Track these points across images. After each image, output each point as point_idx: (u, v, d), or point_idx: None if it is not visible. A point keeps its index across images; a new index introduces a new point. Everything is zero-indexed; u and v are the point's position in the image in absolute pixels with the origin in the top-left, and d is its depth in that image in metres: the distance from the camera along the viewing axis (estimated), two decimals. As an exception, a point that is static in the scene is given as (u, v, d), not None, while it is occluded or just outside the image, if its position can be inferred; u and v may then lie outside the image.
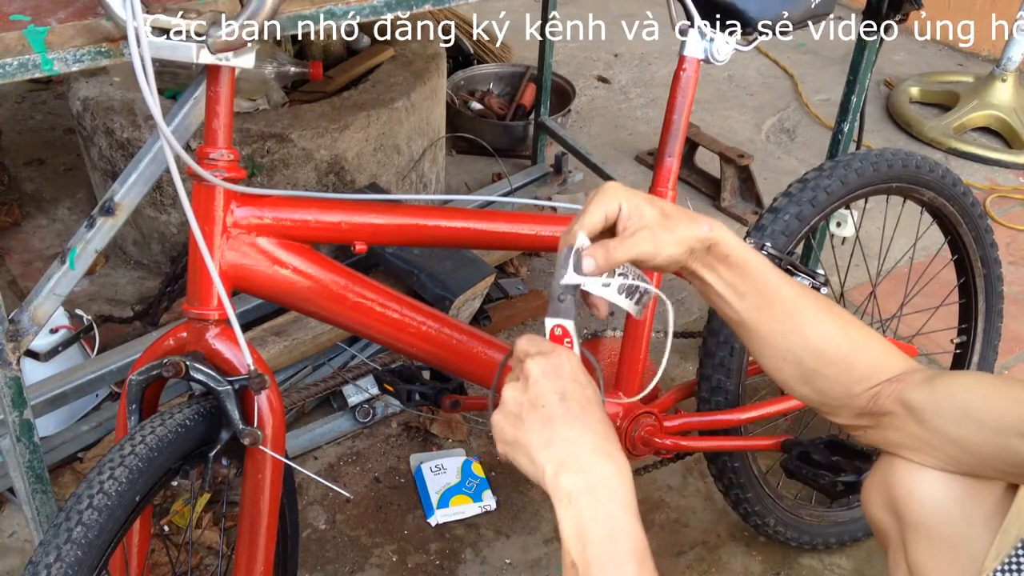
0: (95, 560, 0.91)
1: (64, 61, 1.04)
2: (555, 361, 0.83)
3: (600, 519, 0.77)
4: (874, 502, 0.98)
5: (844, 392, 0.97)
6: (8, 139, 2.85)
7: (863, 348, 0.97)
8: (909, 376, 0.94)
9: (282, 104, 2.28)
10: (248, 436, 1.07)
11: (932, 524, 0.91)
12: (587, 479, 0.78)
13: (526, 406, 0.82)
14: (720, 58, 1.33)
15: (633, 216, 0.89)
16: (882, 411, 0.95)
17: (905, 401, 0.93)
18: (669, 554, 1.73)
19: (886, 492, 0.96)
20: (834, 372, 0.97)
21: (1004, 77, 3.16)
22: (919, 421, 0.92)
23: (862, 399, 0.96)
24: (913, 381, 0.94)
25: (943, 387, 0.92)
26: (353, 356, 2.01)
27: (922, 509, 0.92)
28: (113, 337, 2.11)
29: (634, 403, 1.47)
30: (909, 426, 0.93)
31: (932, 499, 0.92)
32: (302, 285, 1.15)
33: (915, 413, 0.92)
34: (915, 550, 0.92)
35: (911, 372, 0.95)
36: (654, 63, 3.62)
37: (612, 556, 0.77)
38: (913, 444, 0.93)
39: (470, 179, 2.84)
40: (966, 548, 0.89)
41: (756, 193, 2.72)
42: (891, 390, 0.94)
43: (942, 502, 0.91)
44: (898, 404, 0.93)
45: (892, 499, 0.95)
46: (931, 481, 0.92)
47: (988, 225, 1.71)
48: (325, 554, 1.70)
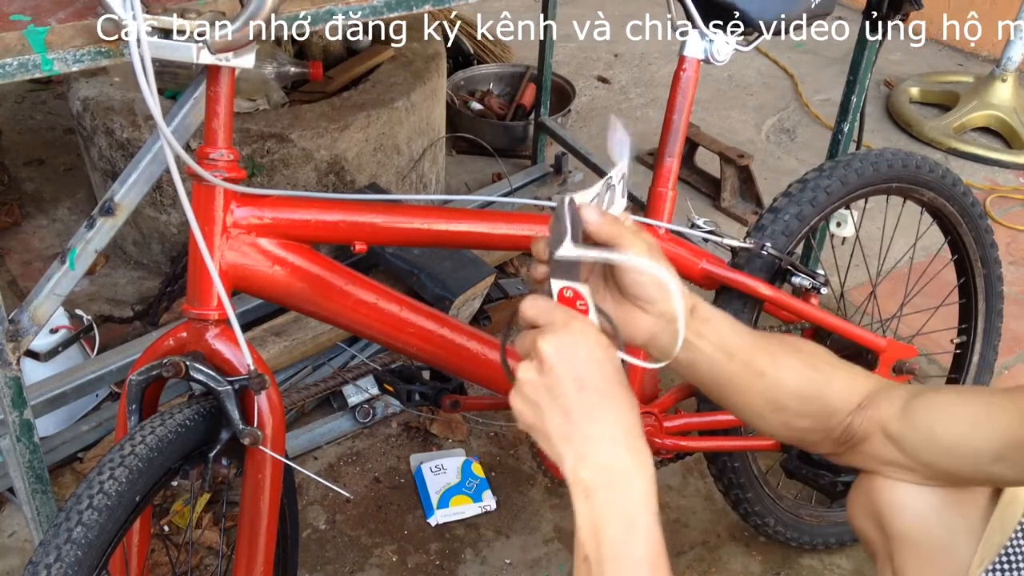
0: (95, 560, 0.91)
1: (64, 61, 1.04)
2: (569, 340, 0.77)
3: (617, 516, 0.75)
4: (858, 515, 0.98)
5: (822, 427, 0.96)
6: (8, 139, 2.85)
7: (832, 380, 0.96)
8: (883, 401, 0.93)
9: (282, 104, 2.28)
10: (248, 436, 1.07)
11: (916, 535, 0.92)
12: (607, 475, 0.75)
13: (543, 394, 0.77)
14: (720, 58, 1.33)
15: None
16: (857, 438, 0.95)
17: (884, 429, 0.92)
18: (669, 554, 1.72)
19: (869, 505, 0.96)
20: (812, 410, 0.96)
21: (1004, 77, 3.16)
22: (897, 447, 0.92)
23: (837, 431, 0.96)
24: (888, 408, 0.93)
25: (916, 416, 0.91)
26: (353, 356, 2.01)
27: (905, 521, 0.92)
28: (113, 337, 2.11)
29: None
30: (887, 451, 0.93)
31: (914, 511, 0.92)
32: (302, 285, 1.15)
33: (893, 440, 0.92)
34: (901, 561, 0.93)
35: (882, 394, 0.94)
36: (654, 63, 3.62)
37: (627, 555, 0.75)
38: (891, 465, 0.94)
39: (470, 179, 2.84)
40: (951, 557, 0.90)
41: (756, 193, 2.72)
42: (863, 417, 0.94)
43: (925, 514, 0.91)
44: (877, 430, 0.93)
45: (876, 512, 0.95)
46: (913, 494, 0.92)
47: (988, 225, 1.71)
48: (325, 554, 1.70)
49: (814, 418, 0.96)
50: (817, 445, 1.00)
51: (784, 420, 0.96)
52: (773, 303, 1.49)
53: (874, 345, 1.54)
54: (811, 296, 1.51)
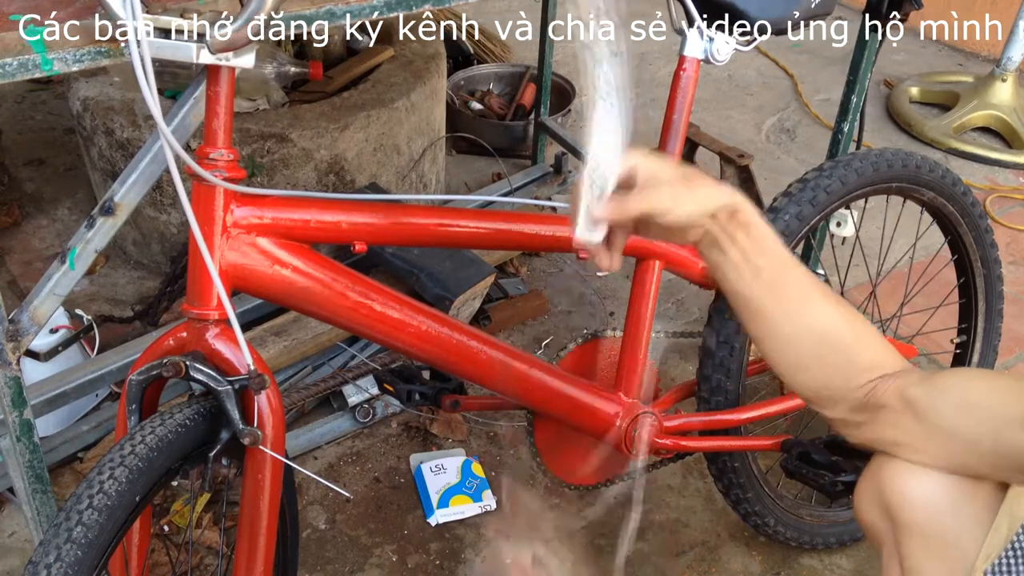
0: (95, 560, 0.91)
1: (64, 61, 1.04)
2: None
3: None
4: (866, 505, 0.98)
5: (843, 383, 0.96)
6: (8, 139, 2.85)
7: (865, 341, 0.96)
8: (908, 374, 0.95)
9: (282, 104, 2.28)
10: (248, 436, 1.07)
11: (924, 524, 0.91)
12: None
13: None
14: (720, 58, 1.33)
15: (650, 174, 0.89)
16: (879, 405, 0.94)
17: (904, 395, 0.92)
18: (669, 554, 1.73)
19: (878, 494, 0.95)
20: (836, 360, 0.96)
21: (1004, 77, 3.16)
22: (916, 415, 0.91)
23: (860, 392, 0.95)
24: (912, 378, 0.94)
25: (942, 381, 0.92)
26: (353, 356, 2.01)
27: (914, 510, 0.92)
28: (113, 337, 2.11)
29: (634, 403, 1.47)
30: (905, 421, 0.92)
31: (924, 499, 0.92)
32: (302, 285, 1.15)
33: (913, 407, 0.92)
34: (909, 552, 0.92)
35: (910, 371, 0.96)
36: (654, 63, 3.62)
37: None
38: (907, 440, 0.93)
39: (470, 179, 2.84)
40: (958, 549, 0.89)
41: (756, 193, 2.71)
42: (889, 384, 0.94)
43: (934, 502, 0.91)
44: (896, 398, 0.93)
45: (884, 500, 0.95)
46: (923, 481, 0.92)
47: (988, 225, 1.71)
48: (325, 554, 1.70)
49: (833, 369, 0.96)
50: (832, 405, 0.99)
51: (802, 361, 0.97)
52: (773, 303, 1.48)
53: (874, 345, 1.54)
54: (811, 296, 1.51)
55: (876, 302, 1.82)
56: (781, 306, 0.95)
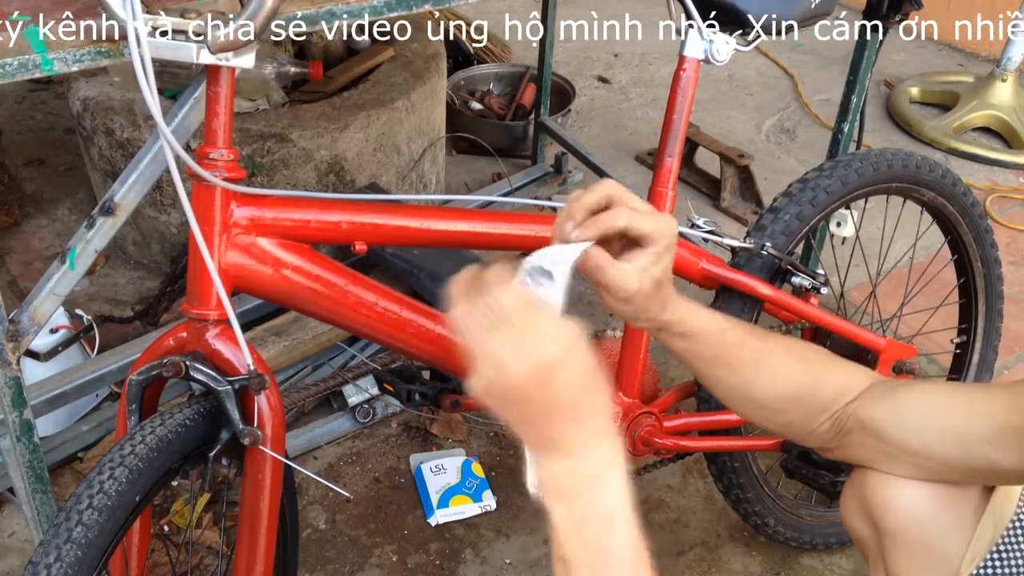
0: (95, 560, 0.91)
1: (64, 61, 1.04)
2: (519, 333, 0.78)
3: (593, 517, 0.73)
4: (851, 513, 0.99)
5: (806, 426, 0.99)
6: (8, 139, 2.85)
7: (823, 380, 0.98)
8: (867, 393, 0.95)
9: (282, 104, 2.28)
10: (248, 436, 1.07)
11: (908, 532, 0.92)
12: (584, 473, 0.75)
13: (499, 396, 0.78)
14: (720, 58, 1.33)
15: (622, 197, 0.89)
16: (845, 431, 0.96)
17: (859, 419, 0.94)
18: (669, 554, 1.73)
19: (862, 502, 0.96)
20: (795, 409, 0.98)
21: (1004, 77, 3.16)
22: (876, 436, 0.93)
23: (824, 426, 0.97)
24: (871, 396, 0.94)
25: (904, 397, 0.93)
26: (353, 356, 2.01)
27: (897, 517, 0.93)
28: (113, 337, 2.11)
29: (634, 403, 1.47)
30: (869, 442, 0.94)
31: (907, 507, 0.92)
32: (302, 285, 1.15)
33: (871, 428, 0.93)
34: (894, 559, 0.93)
35: (870, 389, 0.96)
36: (654, 63, 3.62)
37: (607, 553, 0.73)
38: (878, 458, 0.94)
39: (470, 179, 2.84)
40: (941, 554, 0.90)
41: (756, 193, 2.72)
42: (850, 410, 0.95)
43: (917, 510, 0.92)
44: (856, 423, 0.94)
45: (868, 509, 0.95)
46: (905, 490, 0.93)
47: (988, 225, 1.71)
48: (325, 554, 1.70)
49: (795, 417, 0.99)
50: (804, 440, 1.02)
51: (764, 416, 1.00)
52: (773, 303, 1.49)
53: (874, 345, 1.54)
54: (811, 296, 1.51)
55: (876, 302, 1.82)
56: (730, 379, 0.98)
